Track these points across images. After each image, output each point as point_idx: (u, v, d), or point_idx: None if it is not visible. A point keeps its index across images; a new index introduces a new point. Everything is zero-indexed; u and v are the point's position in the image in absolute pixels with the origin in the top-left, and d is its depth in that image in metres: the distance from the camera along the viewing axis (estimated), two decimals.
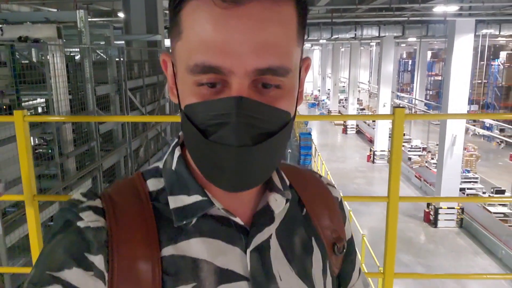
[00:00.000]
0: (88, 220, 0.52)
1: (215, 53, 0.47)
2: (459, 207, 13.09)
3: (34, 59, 5.52)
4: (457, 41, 12.57)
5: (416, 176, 16.95)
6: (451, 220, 13.10)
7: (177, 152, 0.59)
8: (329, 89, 35.21)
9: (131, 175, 0.63)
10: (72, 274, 0.48)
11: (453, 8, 11.04)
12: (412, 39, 22.61)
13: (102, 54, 5.43)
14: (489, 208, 12.86)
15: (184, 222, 0.54)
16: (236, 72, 0.47)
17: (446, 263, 10.82)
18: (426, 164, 18.00)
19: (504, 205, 12.89)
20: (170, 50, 0.55)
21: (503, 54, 25.02)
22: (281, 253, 0.59)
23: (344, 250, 0.67)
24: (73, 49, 5.23)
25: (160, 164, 0.61)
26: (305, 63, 0.57)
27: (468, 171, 16.07)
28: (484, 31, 15.22)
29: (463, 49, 12.59)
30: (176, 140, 0.62)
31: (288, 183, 0.63)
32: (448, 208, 13.04)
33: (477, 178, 15.38)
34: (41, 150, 4.65)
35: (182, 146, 0.60)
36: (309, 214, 0.65)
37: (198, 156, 0.52)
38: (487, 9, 11.92)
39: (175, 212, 0.55)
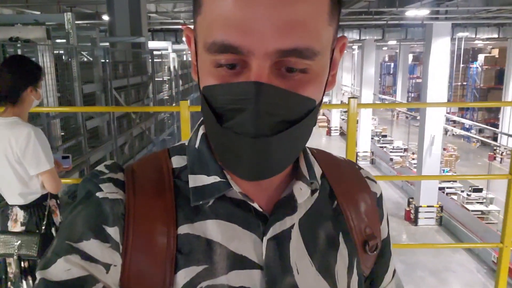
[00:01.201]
0: (107, 191, 0.52)
1: (234, 30, 0.43)
2: (438, 206, 13.48)
3: None
4: (435, 44, 12.99)
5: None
6: (431, 218, 13.49)
7: (201, 131, 0.57)
8: None
9: None
10: (90, 245, 0.49)
11: (424, 12, 11.43)
12: (392, 42, 23.11)
13: (86, 56, 5.62)
14: (467, 206, 13.27)
15: (201, 202, 0.53)
16: (256, 53, 0.43)
17: (426, 260, 11.14)
18: (407, 165, 18.43)
19: (481, 203, 13.30)
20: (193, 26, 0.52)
21: (481, 57, 25.75)
22: (303, 245, 0.55)
23: (377, 250, 0.63)
24: (60, 51, 5.39)
25: (186, 142, 0.60)
26: (340, 42, 0.52)
27: (448, 171, 16.52)
28: (461, 34, 15.71)
29: (441, 51, 13.01)
30: (202, 119, 0.58)
31: (320, 172, 0.61)
32: (428, 206, 13.42)
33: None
34: None
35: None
36: (340, 207, 0.61)
37: (214, 141, 0.51)
38: (463, 13, 12.33)
39: (193, 191, 0.54)
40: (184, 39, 0.56)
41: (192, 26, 0.53)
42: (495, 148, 19.36)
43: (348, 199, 0.62)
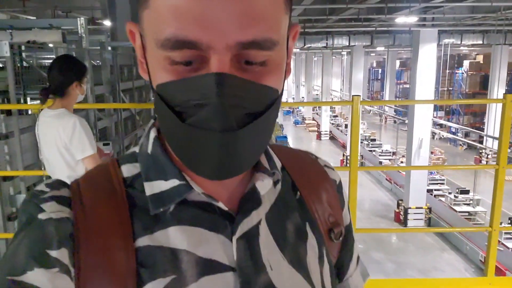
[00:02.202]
0: (50, 211, 0.48)
1: (191, 24, 0.40)
2: (427, 207, 13.81)
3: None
4: (422, 50, 13.37)
5: (387, 179, 17.69)
6: (420, 219, 13.80)
7: (152, 134, 0.54)
8: (303, 97, 36.04)
9: None
10: (35, 276, 0.44)
11: (413, 19, 11.80)
12: (380, 49, 23.59)
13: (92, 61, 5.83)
14: (455, 207, 13.61)
15: (161, 210, 0.50)
16: (216, 47, 0.41)
17: (415, 259, 11.42)
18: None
19: (468, 204, 13.66)
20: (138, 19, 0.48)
21: (466, 63, 26.38)
22: (272, 240, 0.54)
23: (342, 237, 0.63)
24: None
25: (137, 149, 0.56)
26: (293, 30, 0.51)
27: (435, 173, 16.89)
28: (447, 40, 16.16)
29: (428, 57, 13.39)
30: (152, 121, 0.57)
31: (280, 164, 0.59)
32: (416, 208, 13.74)
33: (443, 179, 16.19)
34: None
35: (159, 130, 0.55)
36: (303, 198, 0.60)
37: (175, 142, 0.48)
38: (449, 20, 12.74)
39: (151, 199, 0.50)
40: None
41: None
42: (480, 151, 19.84)
43: (310, 189, 0.61)
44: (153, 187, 0.51)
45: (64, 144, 2.29)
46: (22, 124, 3.50)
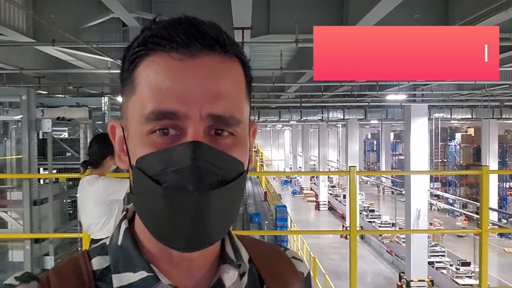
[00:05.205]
0: None
1: (170, 99, 0.47)
2: (429, 280, 13.53)
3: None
4: (414, 124, 13.97)
5: (387, 251, 17.45)
6: None
7: (123, 226, 0.56)
8: (300, 167, 36.44)
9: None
10: None
11: (402, 97, 12.53)
12: (374, 122, 24.42)
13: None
14: (457, 280, 13.34)
15: None
16: (192, 117, 0.47)
17: None
18: (396, 239, 18.58)
19: (470, 277, 13.41)
20: (120, 115, 0.55)
21: (458, 136, 27.18)
22: None
23: None
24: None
25: (107, 241, 0.57)
26: (252, 127, 0.56)
27: (436, 245, 16.71)
28: (437, 115, 16.86)
29: (420, 130, 13.96)
30: (124, 213, 0.59)
31: (247, 256, 0.60)
32: (419, 281, 13.45)
33: (444, 251, 15.99)
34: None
35: (130, 221, 0.58)
36: None
37: (151, 213, 0.49)
38: (437, 96, 13.49)
39: None
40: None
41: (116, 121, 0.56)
42: (479, 225, 19.73)
43: (277, 283, 0.61)
44: (121, 279, 0.52)
45: (101, 198, 2.69)
46: (54, 191, 3.81)
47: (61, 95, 10.68)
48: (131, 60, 0.51)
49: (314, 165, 36.12)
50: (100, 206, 2.76)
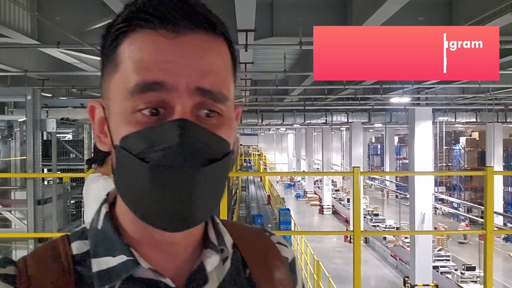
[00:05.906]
0: None
1: (158, 70, 0.46)
2: (434, 284, 13.43)
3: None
4: (418, 127, 13.92)
5: (391, 255, 17.36)
6: None
7: (103, 209, 0.56)
8: (303, 171, 36.41)
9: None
10: None
11: (406, 100, 12.49)
12: (378, 125, 24.38)
13: None
14: (462, 285, 13.23)
15: (107, 287, 0.50)
16: (179, 89, 0.47)
17: None
18: (401, 243, 18.48)
19: (475, 281, 13.31)
20: (101, 95, 0.53)
21: (462, 139, 27.08)
22: None
23: None
24: None
25: (88, 225, 0.57)
26: (235, 110, 0.55)
27: (440, 249, 16.61)
28: (441, 118, 16.81)
29: (424, 134, 13.90)
30: (104, 197, 0.58)
31: (231, 241, 0.59)
32: (424, 285, 13.35)
33: (449, 256, 15.89)
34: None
35: (111, 206, 0.57)
36: (253, 276, 0.59)
37: (135, 192, 0.48)
38: (441, 99, 13.45)
39: (98, 276, 0.50)
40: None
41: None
42: (483, 227, 19.62)
43: (261, 268, 0.61)
44: (100, 264, 0.51)
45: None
46: (58, 191, 3.83)
47: (65, 98, 10.72)
48: (113, 38, 0.49)
49: (317, 168, 36.04)
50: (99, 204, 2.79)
